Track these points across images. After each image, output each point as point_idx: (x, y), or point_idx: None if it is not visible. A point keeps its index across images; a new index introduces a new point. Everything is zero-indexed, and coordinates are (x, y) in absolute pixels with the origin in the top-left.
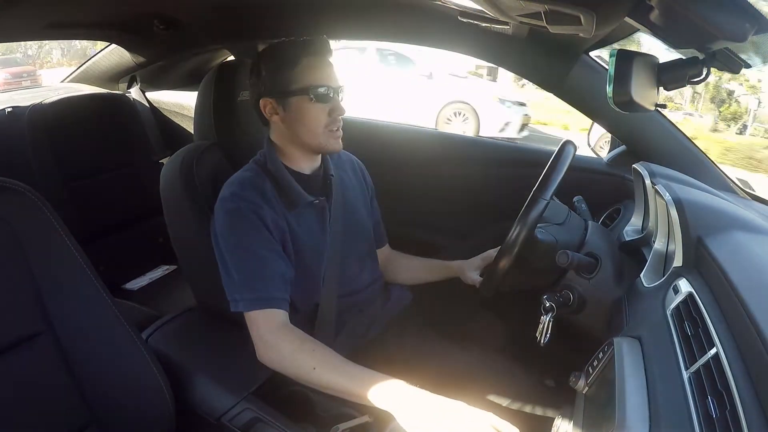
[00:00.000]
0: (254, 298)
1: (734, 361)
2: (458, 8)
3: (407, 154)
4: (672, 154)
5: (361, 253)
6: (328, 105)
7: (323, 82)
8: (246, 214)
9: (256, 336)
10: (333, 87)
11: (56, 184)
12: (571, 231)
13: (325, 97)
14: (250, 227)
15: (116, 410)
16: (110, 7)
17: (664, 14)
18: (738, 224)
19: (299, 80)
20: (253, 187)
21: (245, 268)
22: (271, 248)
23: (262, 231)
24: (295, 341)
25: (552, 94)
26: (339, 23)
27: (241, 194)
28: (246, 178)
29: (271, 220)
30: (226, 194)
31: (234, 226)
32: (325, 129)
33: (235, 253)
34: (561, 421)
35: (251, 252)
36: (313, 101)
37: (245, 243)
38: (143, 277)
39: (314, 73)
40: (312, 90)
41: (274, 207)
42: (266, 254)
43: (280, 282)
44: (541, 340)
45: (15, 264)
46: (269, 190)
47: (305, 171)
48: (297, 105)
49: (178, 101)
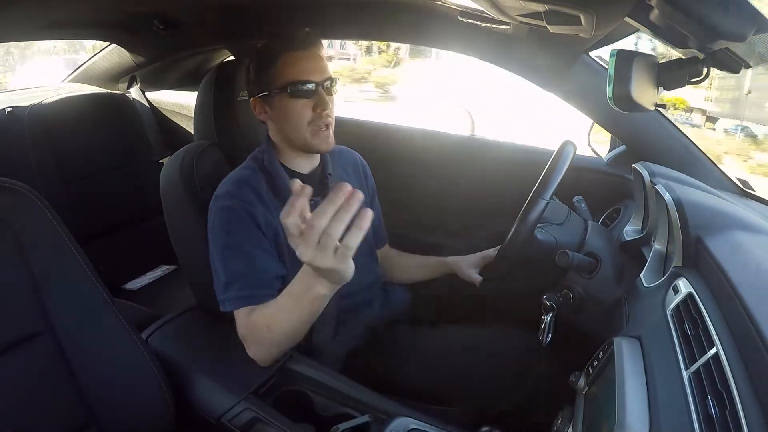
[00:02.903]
0: (238, 297)
1: (734, 361)
2: (458, 8)
3: (407, 154)
4: (672, 154)
5: (359, 254)
6: (310, 100)
7: (303, 77)
8: (237, 212)
9: (240, 336)
10: (316, 81)
11: (56, 184)
12: (571, 231)
13: (307, 92)
14: (240, 225)
15: (116, 410)
16: (110, 7)
17: (664, 14)
18: (738, 224)
19: (279, 77)
20: (248, 186)
21: (231, 267)
22: (259, 245)
23: (251, 229)
24: (251, 326)
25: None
26: (339, 23)
27: (235, 192)
28: (242, 177)
29: (263, 219)
30: (221, 192)
31: (224, 224)
32: (309, 126)
33: (222, 251)
34: (561, 421)
35: (239, 250)
36: (294, 97)
37: (234, 241)
38: (143, 277)
39: (294, 69)
40: (291, 86)
41: (269, 206)
42: (254, 251)
43: (267, 279)
44: (543, 339)
45: (15, 264)
46: (264, 189)
47: (303, 170)
48: (279, 103)
49: (178, 101)
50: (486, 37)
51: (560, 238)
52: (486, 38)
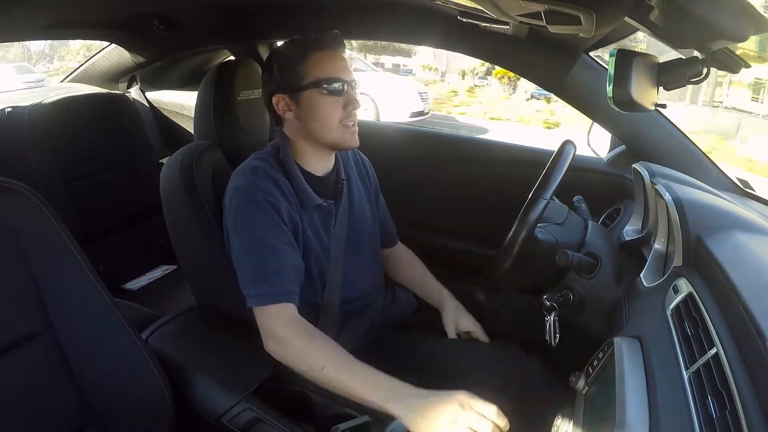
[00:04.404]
0: (269, 293)
1: (734, 361)
2: (458, 8)
3: (407, 154)
4: (672, 154)
5: (365, 257)
6: (342, 98)
7: (336, 75)
8: (261, 204)
9: (266, 329)
10: (346, 80)
11: (56, 184)
12: (571, 231)
13: (339, 90)
14: (265, 219)
15: (116, 410)
16: (110, 7)
17: (664, 14)
18: (738, 224)
19: (311, 74)
20: (268, 177)
21: (260, 262)
22: (285, 240)
23: (277, 223)
24: (304, 336)
25: None
26: (338, 24)
27: (257, 184)
28: (259, 167)
29: (287, 212)
30: (240, 184)
31: (248, 216)
32: (340, 124)
33: (250, 245)
34: (561, 421)
35: (266, 244)
36: (326, 94)
37: (260, 235)
38: (143, 277)
39: (326, 66)
40: (324, 83)
41: (289, 199)
42: (281, 246)
43: (294, 275)
44: (551, 340)
45: (15, 264)
46: (283, 181)
47: (318, 173)
48: (310, 99)
49: (178, 101)
50: (486, 37)
51: (560, 237)
52: (486, 38)
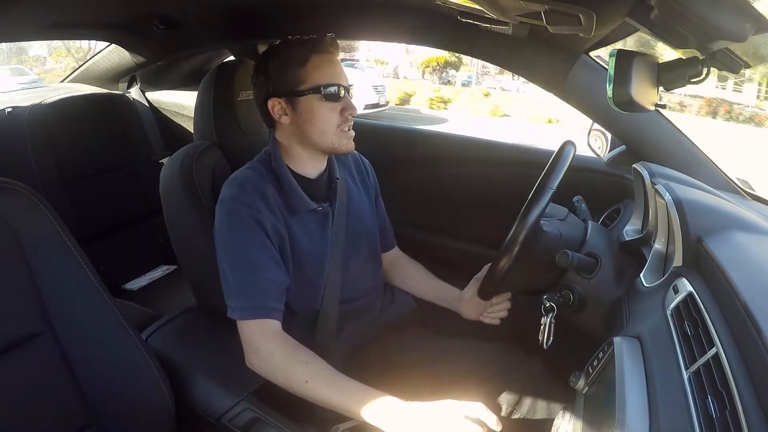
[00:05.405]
0: (249, 307)
1: (734, 361)
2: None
3: (407, 154)
4: (672, 154)
5: (364, 259)
6: (339, 104)
7: (334, 80)
8: (245, 218)
9: (248, 344)
10: (343, 85)
11: (56, 184)
12: (571, 231)
13: (336, 96)
14: (248, 232)
15: (116, 410)
16: (110, 7)
17: (664, 14)
18: (738, 224)
19: (309, 79)
20: (255, 189)
21: (241, 276)
22: (268, 255)
23: (260, 237)
24: (287, 350)
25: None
26: (338, 24)
27: (242, 197)
28: (248, 178)
29: (271, 226)
30: (227, 195)
31: (233, 230)
32: (337, 129)
33: (233, 259)
34: (561, 421)
35: (248, 259)
36: (324, 100)
37: (242, 249)
38: (143, 277)
39: (325, 71)
40: (323, 89)
41: (275, 211)
42: (263, 261)
43: (276, 291)
44: (544, 342)
45: (15, 264)
46: (271, 193)
47: (311, 175)
48: (308, 104)
49: (178, 101)
50: (486, 37)
51: (564, 231)
52: (486, 38)
